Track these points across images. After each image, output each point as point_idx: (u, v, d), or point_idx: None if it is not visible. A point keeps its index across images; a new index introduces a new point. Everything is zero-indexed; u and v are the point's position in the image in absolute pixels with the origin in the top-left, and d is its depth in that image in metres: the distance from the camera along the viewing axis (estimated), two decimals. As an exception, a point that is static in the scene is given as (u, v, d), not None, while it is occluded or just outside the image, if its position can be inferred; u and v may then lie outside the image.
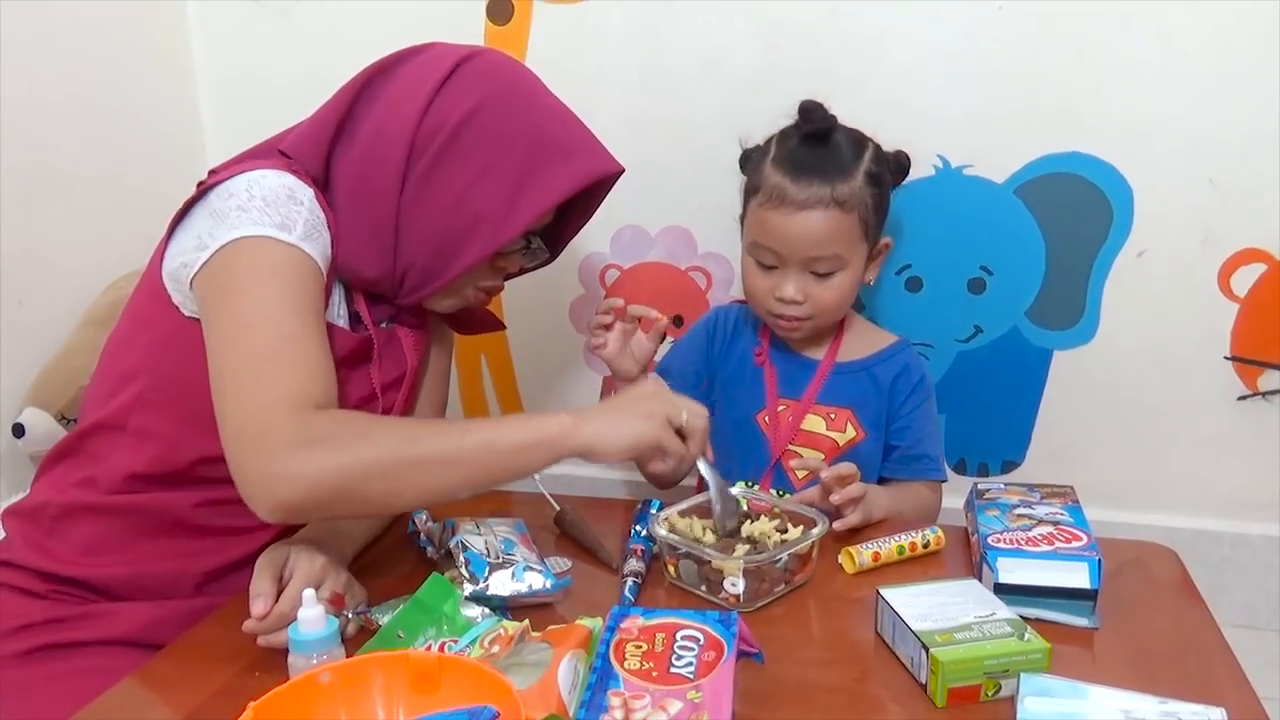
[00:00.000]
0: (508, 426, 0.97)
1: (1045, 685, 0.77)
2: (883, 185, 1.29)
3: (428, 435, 0.94)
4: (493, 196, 1.03)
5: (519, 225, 1.04)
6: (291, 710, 0.74)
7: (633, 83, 1.60)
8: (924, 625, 0.85)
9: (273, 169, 1.01)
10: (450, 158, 1.02)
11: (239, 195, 0.98)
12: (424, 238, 1.04)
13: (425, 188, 1.02)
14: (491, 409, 1.87)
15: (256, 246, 0.96)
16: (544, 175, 1.04)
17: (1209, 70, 1.40)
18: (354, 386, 1.09)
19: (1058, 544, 0.97)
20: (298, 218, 0.98)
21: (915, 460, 1.36)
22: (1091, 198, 1.48)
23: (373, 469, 0.90)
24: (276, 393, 0.90)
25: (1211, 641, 0.92)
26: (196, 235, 0.99)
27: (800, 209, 1.23)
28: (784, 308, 1.28)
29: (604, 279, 1.72)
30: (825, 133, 1.27)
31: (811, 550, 1.03)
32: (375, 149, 1.03)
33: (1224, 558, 1.59)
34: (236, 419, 0.91)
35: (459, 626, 0.92)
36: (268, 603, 0.91)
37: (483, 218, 1.03)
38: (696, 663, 0.78)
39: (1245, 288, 1.48)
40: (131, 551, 1.06)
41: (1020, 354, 1.58)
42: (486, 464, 0.94)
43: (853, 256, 1.27)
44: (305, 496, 0.88)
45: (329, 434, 0.90)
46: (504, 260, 1.11)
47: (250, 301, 0.95)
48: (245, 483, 0.89)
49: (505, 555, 1.00)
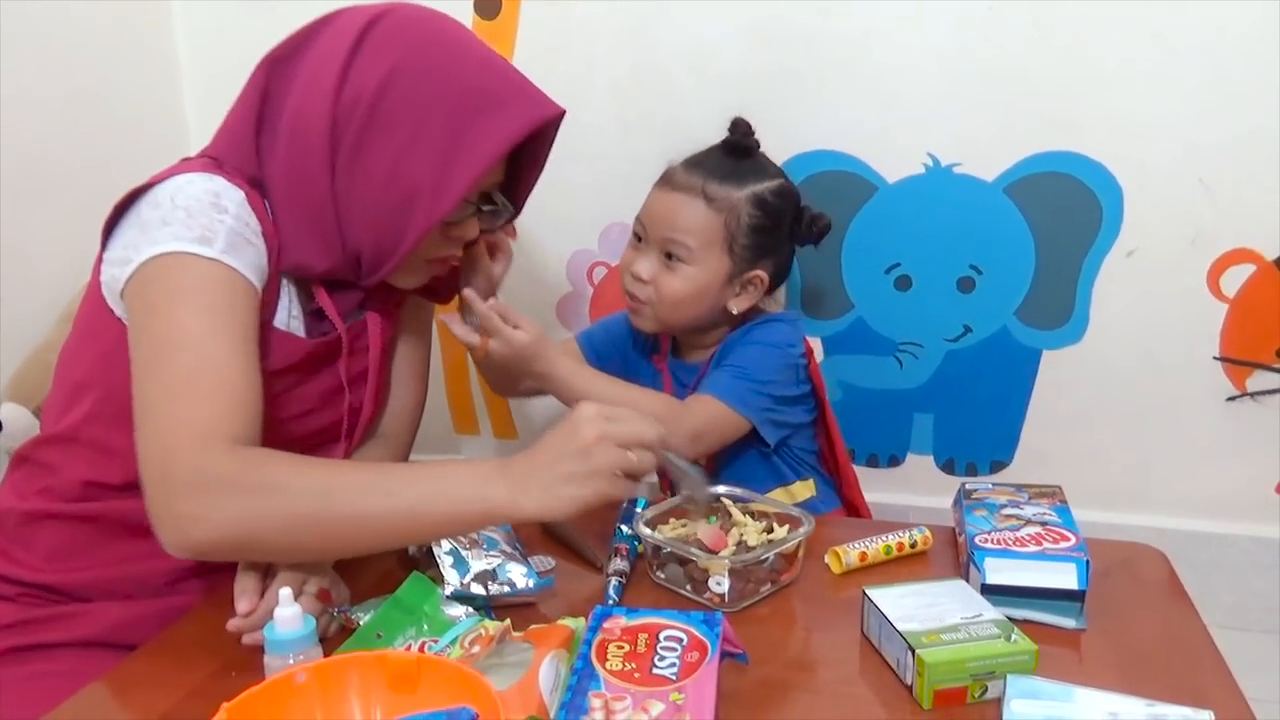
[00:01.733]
0: (438, 493, 0.88)
1: (1032, 687, 0.76)
2: (771, 217, 1.28)
3: (346, 491, 0.87)
4: (425, 165, 0.95)
5: (456, 193, 0.96)
6: (266, 711, 0.73)
7: (622, 79, 1.59)
8: (910, 626, 0.84)
9: (201, 172, 0.96)
10: (374, 131, 0.95)
11: (163, 205, 0.93)
12: (364, 220, 0.98)
13: (355, 167, 0.96)
14: (478, 407, 1.87)
15: (176, 264, 0.91)
16: (476, 134, 0.96)
17: (1200, 70, 1.40)
18: (318, 383, 1.05)
19: (1045, 545, 0.96)
20: (220, 228, 0.92)
21: (702, 385, 1.30)
22: (1081, 197, 1.47)
23: (281, 522, 0.85)
24: (186, 426, 0.85)
25: (1199, 643, 0.91)
26: (124, 246, 0.95)
27: (673, 189, 1.28)
28: (631, 284, 1.31)
29: (591, 276, 1.71)
30: (742, 149, 1.31)
31: (797, 550, 1.02)
32: (297, 134, 0.97)
33: (1211, 559, 1.59)
34: (144, 451, 0.87)
35: (440, 626, 0.90)
36: (252, 600, 0.90)
37: (418, 190, 0.96)
38: (680, 663, 0.76)
39: (1234, 288, 1.48)
40: (99, 555, 1.04)
41: (1009, 354, 1.58)
42: (406, 530, 0.90)
43: (707, 258, 1.27)
44: (208, 540, 0.85)
45: (235, 477, 0.85)
46: (457, 229, 1.04)
47: (169, 324, 0.90)
48: (153, 517, 0.86)
49: (488, 554, 0.99)
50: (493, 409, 1.87)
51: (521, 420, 1.87)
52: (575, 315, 1.75)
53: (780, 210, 1.30)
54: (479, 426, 1.89)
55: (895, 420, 1.69)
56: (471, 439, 1.90)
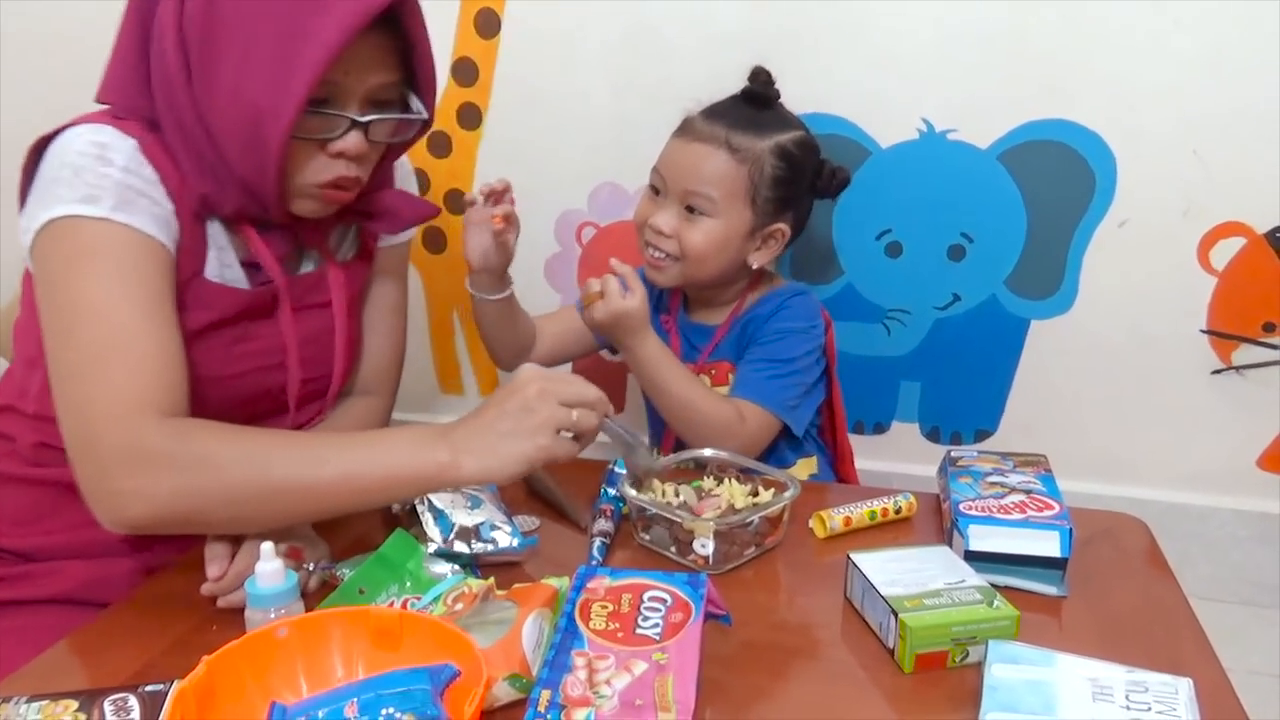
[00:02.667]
0: (375, 457, 0.86)
1: (1013, 652, 0.77)
2: (794, 169, 1.26)
3: (282, 460, 0.84)
4: (262, 75, 0.86)
5: (294, 102, 0.86)
6: (247, 665, 0.73)
7: (615, 39, 1.56)
8: (893, 590, 0.85)
9: (90, 124, 0.90)
10: (210, 49, 0.87)
11: (51, 163, 0.88)
12: (232, 143, 0.90)
13: (207, 85, 0.88)
14: (464, 366, 1.86)
15: (67, 229, 0.86)
16: (305, 36, 0.85)
17: (1199, 40, 1.38)
18: (260, 343, 1.01)
19: (1029, 512, 0.96)
20: (106, 184, 0.87)
21: (741, 380, 1.29)
22: (1075, 166, 1.46)
23: (219, 496, 0.83)
24: (105, 400, 0.82)
25: (1178, 612, 0.92)
26: (27, 211, 0.90)
27: (695, 140, 1.25)
28: (653, 237, 1.28)
29: (580, 236, 1.70)
30: (762, 98, 1.28)
31: (783, 513, 1.02)
32: (158, 55, 0.89)
33: (1190, 530, 1.60)
34: (68, 430, 0.85)
35: (423, 583, 0.90)
36: (223, 564, 0.89)
37: (260, 103, 0.87)
38: (663, 624, 0.76)
39: (1224, 261, 1.47)
40: (62, 519, 1.01)
41: (998, 322, 1.58)
42: (345, 497, 0.86)
43: (730, 210, 1.24)
44: (145, 516, 0.83)
45: (168, 451, 0.82)
46: (335, 145, 0.93)
47: (71, 295, 0.85)
48: (87, 498, 0.84)
49: (472, 512, 0.98)
50: (478, 368, 1.86)
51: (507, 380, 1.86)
52: (563, 275, 1.73)
53: (802, 162, 1.27)
54: (464, 387, 1.89)
55: (882, 387, 1.69)
56: (457, 398, 1.90)
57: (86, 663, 0.85)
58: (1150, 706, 0.70)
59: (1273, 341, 1.50)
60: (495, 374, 1.86)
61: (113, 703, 0.72)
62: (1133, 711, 0.69)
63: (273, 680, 0.74)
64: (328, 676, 0.75)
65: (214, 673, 0.70)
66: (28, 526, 1.02)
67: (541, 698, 0.68)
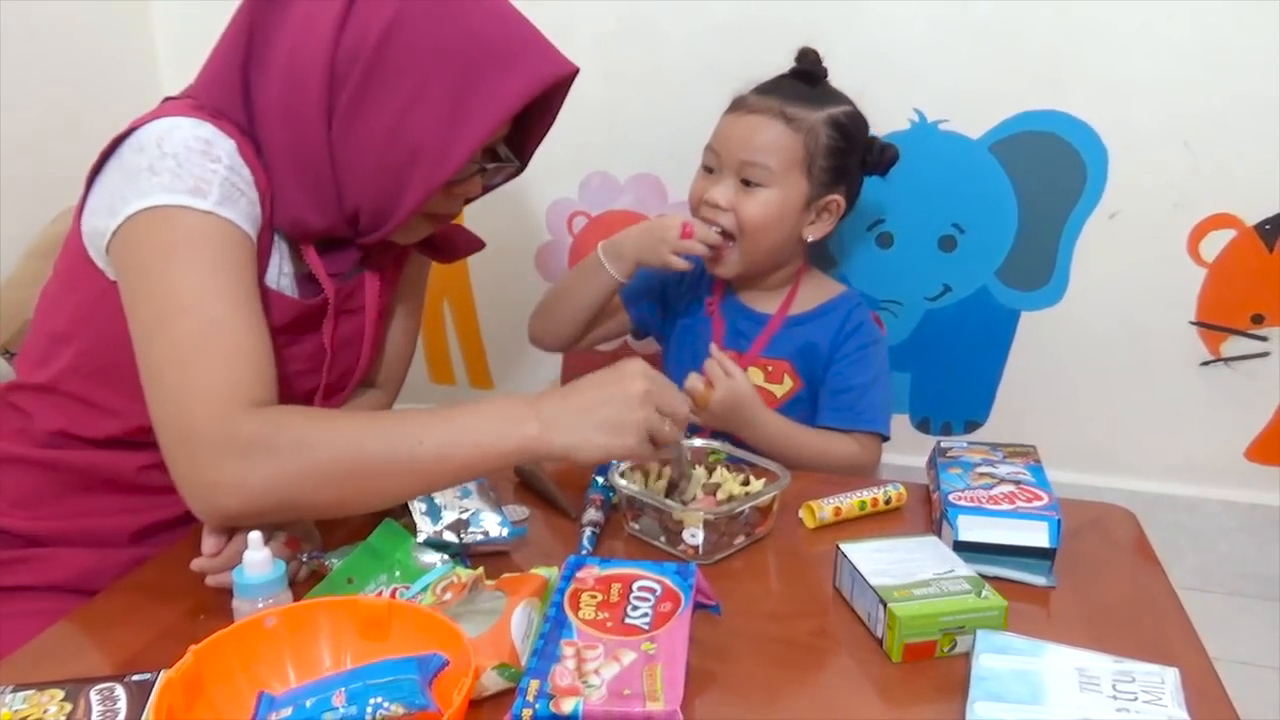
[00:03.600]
0: (464, 433, 0.86)
1: (1001, 642, 0.77)
2: (848, 140, 1.28)
3: (376, 440, 0.85)
4: (429, 123, 0.90)
5: (463, 154, 0.91)
6: (235, 655, 0.73)
7: (609, 27, 1.55)
8: (882, 581, 0.85)
9: (189, 117, 0.90)
10: (375, 83, 0.89)
11: (149, 151, 0.88)
12: (363, 178, 0.93)
13: (354, 122, 0.90)
14: (454, 356, 1.85)
15: (169, 218, 0.86)
16: (484, 92, 0.90)
17: (1191, 32, 1.38)
18: (303, 348, 1.02)
19: (1019, 503, 0.96)
20: (214, 178, 0.87)
21: (844, 408, 1.33)
22: (1066, 157, 1.46)
23: (314, 479, 0.83)
24: (202, 392, 0.83)
25: (1166, 603, 0.92)
26: (109, 196, 0.90)
27: (749, 112, 1.27)
28: (709, 212, 1.29)
29: (571, 225, 1.69)
30: (812, 75, 1.29)
31: (773, 504, 1.02)
32: (292, 83, 0.90)
33: (1179, 521, 1.60)
34: (162, 421, 0.85)
35: (412, 572, 0.90)
36: (219, 542, 0.88)
37: (422, 149, 0.91)
38: (652, 614, 0.77)
39: (1214, 253, 1.47)
40: (65, 506, 1.02)
41: (988, 314, 1.57)
42: (441, 472, 0.87)
43: (786, 180, 1.26)
44: (245, 506, 0.83)
45: (264, 439, 0.82)
46: (460, 187, 0.99)
47: (168, 284, 0.86)
48: (181, 488, 0.85)
49: (461, 502, 0.98)
50: (468, 359, 1.86)
51: (498, 370, 1.86)
52: (554, 264, 1.73)
53: (855, 135, 1.29)
54: (455, 376, 1.88)
55: (872, 378, 1.68)
56: (447, 388, 1.89)
57: (74, 652, 0.85)
58: (1137, 696, 0.70)
59: (1261, 333, 1.50)
60: (485, 364, 1.85)
61: (99, 692, 0.72)
62: (1119, 701, 0.69)
63: (260, 670, 0.73)
64: (316, 666, 0.75)
65: (201, 662, 0.70)
66: (32, 509, 1.02)
67: (530, 687, 0.68)
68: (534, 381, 1.83)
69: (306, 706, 0.68)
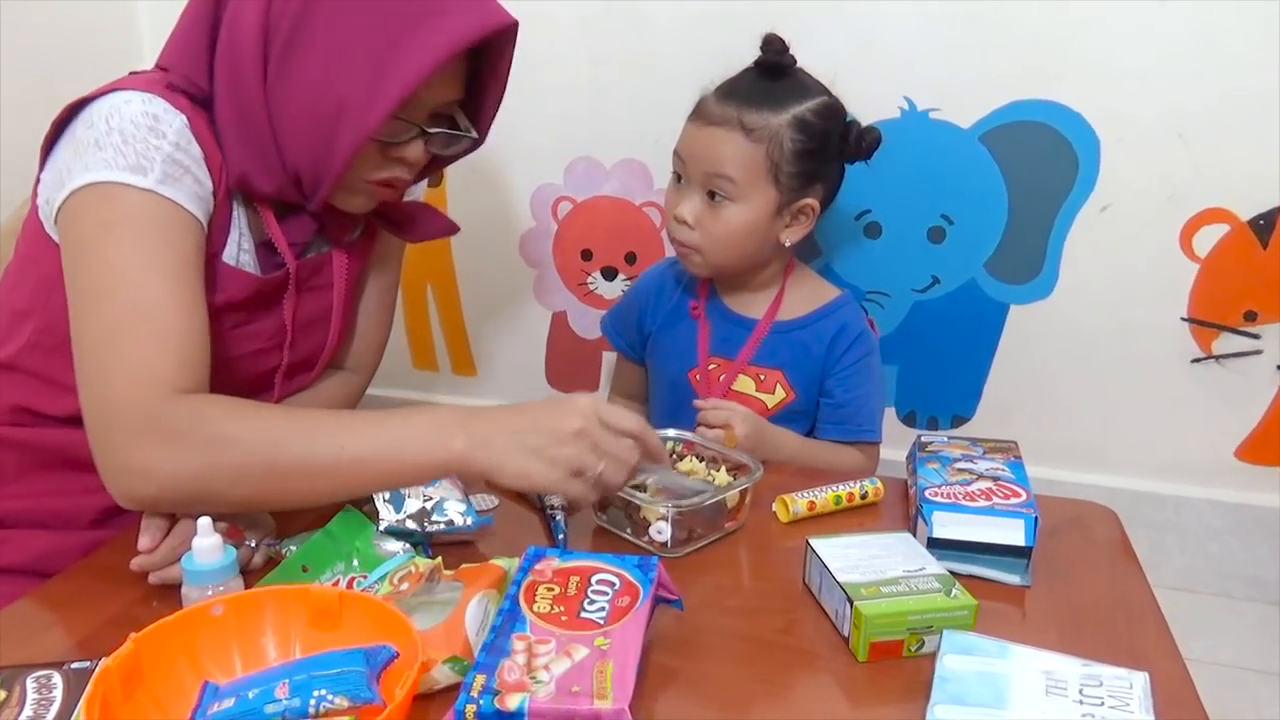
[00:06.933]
0: (390, 442, 0.84)
1: (967, 643, 0.75)
2: (816, 139, 1.22)
3: (298, 442, 0.83)
4: (354, 76, 0.88)
5: (385, 107, 0.88)
6: (179, 643, 0.71)
7: (594, 11, 1.53)
8: (851, 577, 0.83)
9: (141, 91, 0.89)
10: (303, 36, 0.88)
11: (97, 125, 0.87)
12: (297, 135, 0.92)
13: (285, 76, 0.89)
14: (437, 342, 1.83)
15: (109, 195, 0.85)
16: (410, 45, 0.87)
17: (1187, 23, 1.35)
18: (264, 325, 1.01)
19: (995, 500, 0.94)
20: (156, 156, 0.86)
21: (845, 421, 1.32)
22: (1058, 148, 1.44)
23: (229, 475, 0.82)
24: (126, 374, 0.82)
25: (1143, 604, 0.90)
26: (58, 169, 0.89)
27: (708, 124, 1.22)
28: (675, 228, 1.26)
29: (556, 211, 1.67)
30: (776, 67, 1.24)
31: (743, 497, 1.00)
32: (232, 40, 0.90)
33: (1166, 520, 1.59)
34: (86, 400, 0.84)
35: (371, 561, 0.88)
36: (157, 535, 0.86)
37: (347, 102, 0.88)
38: (609, 608, 0.74)
39: (1206, 249, 1.45)
40: (26, 484, 1.00)
41: (977, 307, 1.55)
42: (360, 479, 0.85)
43: (751, 192, 1.22)
44: (157, 494, 0.83)
45: (182, 429, 0.81)
46: (398, 149, 0.96)
47: (103, 263, 0.85)
48: (100, 468, 0.84)
49: (425, 490, 0.96)
50: (452, 345, 1.84)
51: (481, 357, 1.84)
52: (538, 250, 1.70)
53: (825, 131, 1.23)
54: (438, 363, 1.86)
55: (859, 370, 1.66)
56: (430, 375, 1.87)
57: (19, 637, 0.82)
58: (1104, 701, 0.68)
59: (1254, 330, 1.47)
60: (469, 351, 1.83)
61: (36, 680, 0.70)
62: (1086, 706, 0.67)
63: (205, 659, 0.72)
64: (263, 656, 0.73)
65: (142, 650, 0.68)
66: None
67: (475, 682, 0.66)
68: (516, 368, 1.81)
69: (249, 698, 0.67)
